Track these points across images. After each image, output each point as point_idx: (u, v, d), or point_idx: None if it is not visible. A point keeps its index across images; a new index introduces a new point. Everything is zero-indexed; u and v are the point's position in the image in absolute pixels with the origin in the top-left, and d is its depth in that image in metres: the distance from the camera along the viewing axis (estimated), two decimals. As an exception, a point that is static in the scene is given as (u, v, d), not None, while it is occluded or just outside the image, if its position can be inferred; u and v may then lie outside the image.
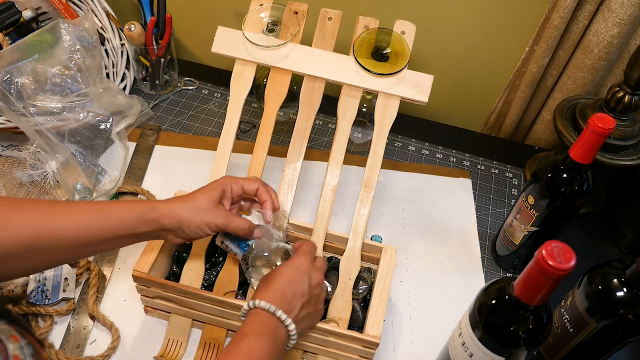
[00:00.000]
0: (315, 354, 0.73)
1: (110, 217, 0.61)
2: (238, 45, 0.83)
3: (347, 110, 0.81)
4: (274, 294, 0.61)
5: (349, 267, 0.76)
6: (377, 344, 0.67)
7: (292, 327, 0.60)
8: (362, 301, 0.77)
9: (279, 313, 0.60)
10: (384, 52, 0.82)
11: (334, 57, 0.82)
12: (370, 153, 0.80)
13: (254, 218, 0.72)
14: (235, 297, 0.74)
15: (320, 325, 0.68)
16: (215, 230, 0.66)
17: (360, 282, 0.77)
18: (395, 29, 0.82)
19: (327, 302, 0.73)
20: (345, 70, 0.81)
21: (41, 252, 0.58)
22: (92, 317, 0.76)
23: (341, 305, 0.73)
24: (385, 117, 0.80)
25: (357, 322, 0.74)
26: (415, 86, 0.80)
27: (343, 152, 0.80)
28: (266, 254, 0.71)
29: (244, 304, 0.61)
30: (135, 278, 0.71)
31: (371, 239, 0.88)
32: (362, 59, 0.81)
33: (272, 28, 0.84)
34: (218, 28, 0.83)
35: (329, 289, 0.71)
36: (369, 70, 0.80)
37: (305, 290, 0.63)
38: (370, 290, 0.77)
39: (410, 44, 0.81)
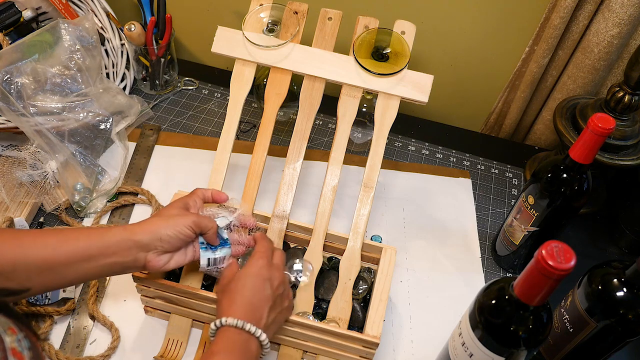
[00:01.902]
0: (315, 354, 0.73)
1: (78, 238, 0.59)
2: (238, 45, 0.83)
3: (347, 110, 0.81)
4: (239, 307, 0.61)
5: (348, 267, 0.76)
6: (377, 344, 0.67)
7: (263, 337, 0.60)
8: (362, 301, 0.77)
9: (248, 326, 0.59)
10: (384, 52, 0.82)
11: (334, 57, 0.82)
12: (370, 153, 0.80)
13: (220, 221, 0.70)
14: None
15: (320, 325, 0.68)
16: (191, 229, 0.65)
17: (360, 282, 0.77)
18: (395, 29, 0.82)
19: (294, 287, 0.73)
20: (345, 70, 0.81)
21: (4, 279, 0.55)
22: (92, 317, 0.76)
23: (341, 305, 0.73)
24: (385, 117, 0.80)
25: (357, 322, 0.74)
26: (415, 86, 0.80)
27: (343, 152, 0.80)
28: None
29: (211, 324, 0.60)
30: (135, 278, 0.71)
31: (371, 239, 0.88)
32: (362, 59, 0.81)
33: (272, 28, 0.84)
34: (218, 28, 0.83)
35: (292, 278, 0.71)
36: (369, 70, 0.80)
37: (269, 295, 0.63)
38: (370, 290, 0.77)
39: (410, 44, 0.81)
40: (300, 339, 0.71)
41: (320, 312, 0.74)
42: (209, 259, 0.69)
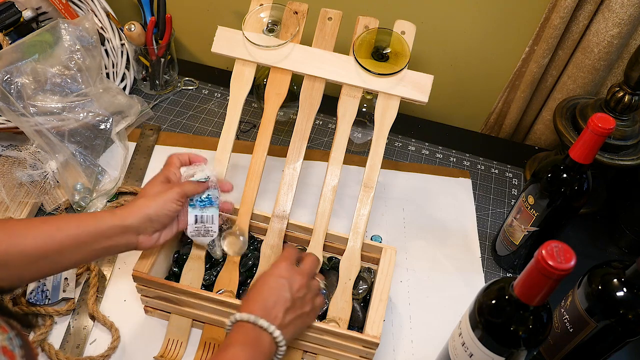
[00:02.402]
0: (315, 354, 0.73)
1: (68, 226, 0.61)
2: (238, 45, 0.83)
3: (347, 110, 0.81)
4: (255, 304, 0.62)
5: (349, 267, 0.76)
6: (376, 344, 0.67)
7: (276, 333, 0.61)
8: (362, 301, 0.77)
9: (261, 322, 0.60)
10: (384, 52, 0.82)
11: (334, 57, 0.82)
12: (370, 153, 0.79)
13: (199, 173, 0.72)
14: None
15: (320, 325, 0.68)
16: (178, 200, 0.67)
17: (360, 282, 0.77)
18: (395, 29, 0.82)
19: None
20: (345, 70, 0.81)
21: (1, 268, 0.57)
22: (92, 317, 0.76)
23: (341, 306, 0.73)
24: (385, 117, 0.80)
25: (357, 322, 0.74)
26: (415, 86, 0.80)
27: (343, 152, 0.80)
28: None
29: (227, 320, 0.62)
30: (135, 278, 0.71)
31: (371, 239, 0.88)
32: (362, 59, 0.81)
33: (272, 28, 0.84)
34: (218, 28, 0.83)
35: (322, 284, 0.71)
36: (369, 70, 0.80)
37: (287, 297, 0.63)
38: (370, 290, 0.77)
39: (410, 44, 0.81)
40: (300, 339, 0.71)
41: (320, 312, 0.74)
42: (196, 216, 0.71)
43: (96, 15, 1.07)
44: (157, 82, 1.10)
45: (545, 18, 0.94)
